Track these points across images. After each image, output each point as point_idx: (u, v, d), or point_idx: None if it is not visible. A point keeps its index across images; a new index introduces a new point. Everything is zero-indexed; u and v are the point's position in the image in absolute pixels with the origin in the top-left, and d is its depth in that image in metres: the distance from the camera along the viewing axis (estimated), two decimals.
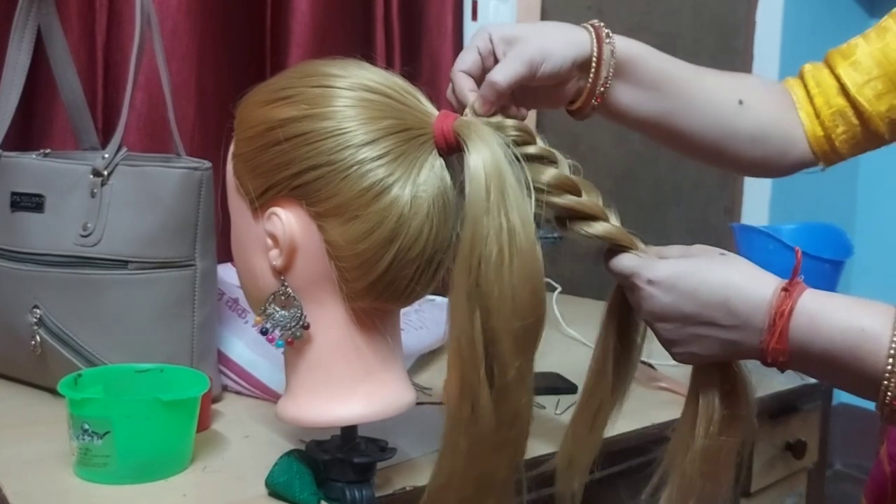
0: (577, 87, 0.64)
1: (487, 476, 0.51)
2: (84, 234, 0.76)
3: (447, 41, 1.34)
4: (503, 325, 0.50)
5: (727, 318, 0.52)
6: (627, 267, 0.57)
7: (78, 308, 0.76)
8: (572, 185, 0.56)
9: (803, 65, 0.73)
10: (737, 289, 0.52)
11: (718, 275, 0.53)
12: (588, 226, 0.57)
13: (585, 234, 0.57)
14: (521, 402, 0.51)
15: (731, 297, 0.52)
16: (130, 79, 0.78)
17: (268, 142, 0.54)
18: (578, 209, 0.56)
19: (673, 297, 0.54)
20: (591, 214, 0.57)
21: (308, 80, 0.55)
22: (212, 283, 0.81)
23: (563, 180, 0.56)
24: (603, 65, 0.63)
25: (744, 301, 0.52)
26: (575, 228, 0.57)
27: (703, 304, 0.53)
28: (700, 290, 0.53)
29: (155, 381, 0.70)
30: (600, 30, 0.64)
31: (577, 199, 0.56)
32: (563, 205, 0.56)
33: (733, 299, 0.52)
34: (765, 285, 0.52)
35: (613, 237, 0.57)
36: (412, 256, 0.54)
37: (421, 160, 0.54)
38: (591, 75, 0.63)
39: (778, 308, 0.51)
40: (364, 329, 0.57)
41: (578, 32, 0.64)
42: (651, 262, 0.56)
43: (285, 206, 0.55)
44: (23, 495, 0.59)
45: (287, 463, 0.60)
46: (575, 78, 0.63)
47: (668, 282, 0.54)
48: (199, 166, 0.78)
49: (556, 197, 0.55)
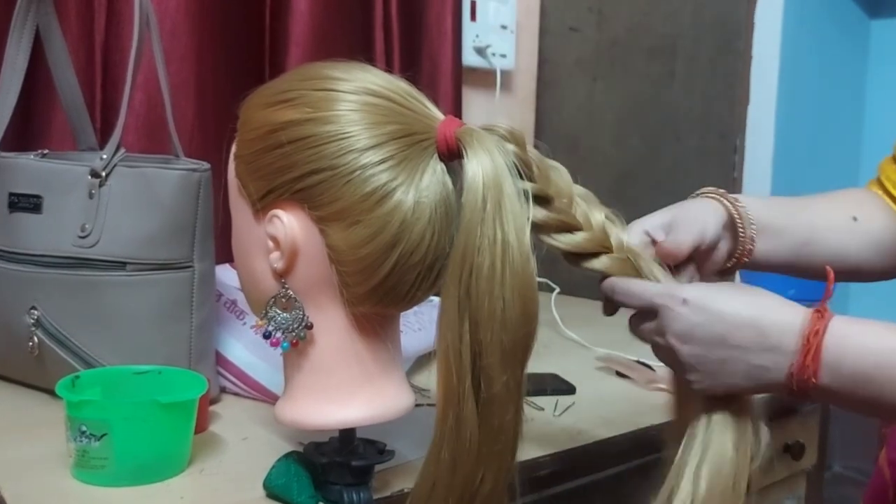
0: (727, 249, 0.66)
1: (471, 488, 0.51)
2: (82, 236, 0.76)
3: (447, 42, 1.34)
4: (491, 339, 0.50)
5: (757, 340, 0.52)
6: (652, 289, 0.57)
7: (76, 309, 0.76)
8: (563, 225, 0.56)
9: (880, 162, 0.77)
10: (767, 312, 0.53)
11: (749, 299, 0.54)
12: (588, 262, 0.58)
13: (590, 270, 0.58)
14: (507, 415, 0.51)
15: (761, 319, 0.53)
16: (129, 79, 0.78)
17: (270, 144, 0.54)
18: (574, 250, 0.57)
19: (704, 317, 0.54)
20: (589, 252, 0.58)
21: (311, 83, 0.55)
22: (210, 285, 0.81)
23: (554, 223, 0.56)
24: (745, 222, 0.66)
25: (774, 324, 0.52)
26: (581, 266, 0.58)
27: (733, 325, 0.53)
28: (730, 311, 0.53)
29: (153, 382, 0.70)
30: (725, 194, 0.67)
31: (570, 238, 0.57)
32: (555, 246, 0.57)
33: (764, 322, 0.52)
34: (795, 309, 0.53)
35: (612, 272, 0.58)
36: (414, 262, 0.54)
37: (423, 165, 0.53)
38: (740, 234, 0.66)
39: (811, 328, 0.51)
40: (364, 333, 0.57)
41: (709, 202, 0.66)
42: (679, 284, 0.57)
43: (287, 209, 0.54)
44: (20, 497, 0.59)
45: (285, 465, 0.60)
46: (724, 240, 0.66)
47: (700, 301, 0.54)
48: (197, 167, 0.77)
49: (548, 238, 0.56)
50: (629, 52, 1.52)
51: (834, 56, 2.12)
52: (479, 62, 1.47)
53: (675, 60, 1.50)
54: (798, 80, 1.81)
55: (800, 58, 1.83)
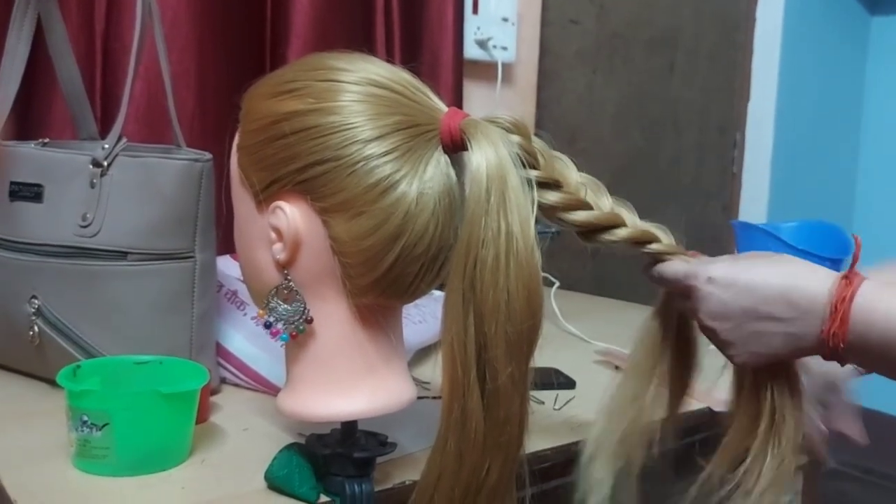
0: None
1: (477, 479, 0.51)
2: (83, 225, 0.76)
3: (448, 34, 1.33)
4: (496, 331, 0.50)
5: (787, 310, 0.53)
6: (681, 270, 0.58)
7: (76, 299, 0.76)
8: (579, 203, 0.57)
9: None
10: (795, 281, 0.53)
11: (776, 269, 0.54)
12: (610, 234, 0.58)
13: (611, 242, 0.58)
14: (512, 407, 0.51)
15: (790, 289, 0.53)
16: (131, 69, 0.77)
17: (273, 135, 0.54)
18: (594, 223, 0.57)
19: (732, 293, 0.55)
20: (607, 225, 0.58)
21: (315, 74, 0.54)
22: (211, 276, 0.81)
23: (568, 202, 0.56)
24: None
25: (803, 292, 0.53)
26: (598, 240, 0.58)
27: (762, 298, 0.54)
28: (758, 284, 0.54)
29: (154, 372, 0.70)
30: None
31: (588, 213, 0.57)
32: (571, 221, 0.57)
33: (793, 291, 0.53)
34: (823, 276, 0.53)
35: (635, 238, 0.58)
36: (417, 253, 0.54)
37: (427, 156, 0.53)
38: None
39: (839, 295, 0.51)
40: (367, 325, 0.57)
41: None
42: (706, 263, 0.57)
43: (290, 201, 0.54)
44: (21, 487, 0.59)
45: (287, 457, 0.60)
46: None
47: (726, 279, 0.55)
48: (199, 158, 0.77)
49: (564, 215, 0.56)
50: (629, 45, 1.52)
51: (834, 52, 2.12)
52: (481, 55, 1.47)
53: (675, 53, 1.50)
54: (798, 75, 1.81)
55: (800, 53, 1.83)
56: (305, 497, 0.58)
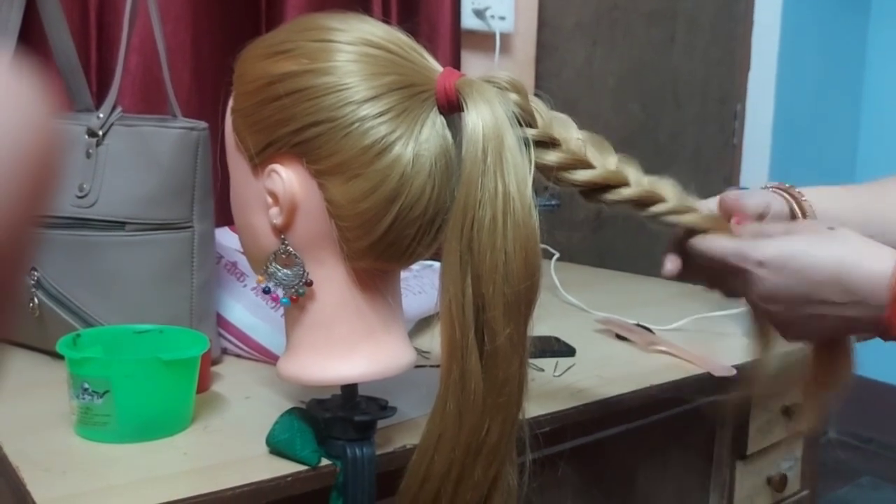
0: None
1: (477, 439, 0.51)
2: (80, 196, 0.76)
3: (445, 3, 1.32)
4: (494, 292, 0.49)
5: (842, 295, 0.52)
6: (729, 250, 0.56)
7: (75, 270, 0.76)
8: (578, 162, 0.56)
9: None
10: (851, 265, 0.52)
11: (829, 251, 0.53)
12: (613, 194, 0.57)
13: (614, 202, 0.57)
14: (511, 368, 0.51)
15: (844, 273, 0.52)
16: (124, 40, 0.77)
17: (267, 97, 0.53)
18: (598, 182, 0.56)
19: (783, 277, 0.53)
20: (610, 184, 0.56)
21: (308, 34, 0.54)
22: (210, 246, 0.81)
23: (567, 161, 0.55)
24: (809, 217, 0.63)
25: (860, 277, 0.52)
26: (602, 199, 0.57)
27: (816, 283, 0.53)
28: (810, 268, 0.53)
29: (154, 341, 0.70)
30: (789, 188, 0.65)
31: (589, 172, 0.56)
32: (573, 181, 0.56)
33: (847, 276, 0.52)
34: (881, 257, 0.52)
35: (640, 197, 0.57)
36: (414, 216, 0.53)
37: (423, 117, 0.53)
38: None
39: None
40: (365, 289, 0.57)
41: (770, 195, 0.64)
42: (756, 243, 0.55)
43: (285, 164, 0.54)
44: (23, 454, 0.59)
45: (288, 421, 0.60)
46: None
47: (777, 261, 0.54)
48: (195, 126, 0.77)
49: (565, 175, 0.55)
50: (629, 16, 1.51)
51: (835, 20, 2.10)
52: (478, 25, 1.45)
53: (675, 25, 1.49)
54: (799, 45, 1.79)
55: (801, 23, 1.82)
56: (307, 460, 0.58)
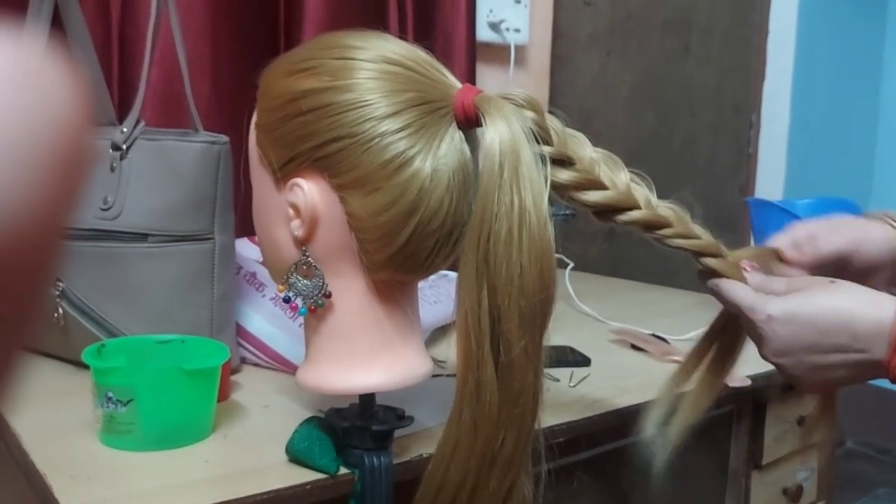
0: (887, 277, 0.65)
1: (492, 450, 0.52)
2: (104, 208, 0.77)
3: (461, 17, 1.33)
4: (509, 304, 0.50)
5: (851, 341, 0.53)
6: (744, 300, 0.58)
7: (99, 281, 0.77)
8: (591, 183, 0.56)
9: None
10: (856, 312, 0.53)
11: (834, 300, 0.54)
12: (623, 216, 0.58)
13: (624, 223, 0.58)
14: (526, 380, 0.52)
15: (851, 320, 0.53)
16: (147, 54, 0.79)
17: (290, 113, 0.55)
18: (609, 204, 0.57)
19: (792, 328, 0.55)
20: (621, 207, 0.57)
21: (330, 52, 0.55)
22: (230, 257, 0.82)
23: (580, 181, 0.56)
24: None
25: (865, 323, 0.53)
26: (612, 220, 0.58)
27: (823, 331, 0.54)
28: (819, 316, 0.54)
29: (176, 351, 0.71)
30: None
31: (600, 193, 0.57)
32: (585, 201, 0.57)
33: (854, 323, 0.53)
34: (884, 306, 0.53)
35: (648, 221, 0.58)
36: (432, 229, 0.54)
37: (441, 132, 0.54)
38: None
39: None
40: (383, 300, 0.58)
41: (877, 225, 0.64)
42: (766, 299, 0.57)
43: (307, 177, 0.55)
44: (49, 461, 0.61)
45: (307, 430, 0.61)
46: (887, 269, 0.64)
47: (786, 315, 0.55)
48: (217, 140, 0.78)
49: (577, 194, 0.56)
50: (643, 26, 1.51)
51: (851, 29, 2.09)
52: (493, 37, 1.47)
53: (689, 34, 1.49)
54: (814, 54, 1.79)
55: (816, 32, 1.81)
56: (325, 469, 0.59)
